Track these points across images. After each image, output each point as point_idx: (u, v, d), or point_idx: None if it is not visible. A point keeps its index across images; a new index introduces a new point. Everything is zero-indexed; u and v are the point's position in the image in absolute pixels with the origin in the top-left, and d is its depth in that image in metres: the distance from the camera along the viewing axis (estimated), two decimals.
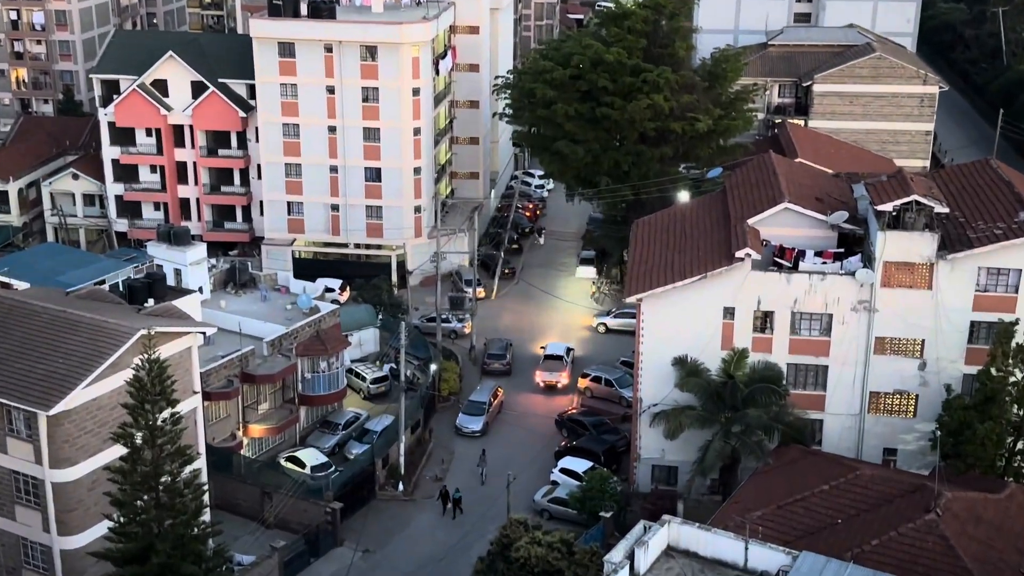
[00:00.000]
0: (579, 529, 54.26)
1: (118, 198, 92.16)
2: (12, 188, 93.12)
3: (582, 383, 70.55)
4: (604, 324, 79.52)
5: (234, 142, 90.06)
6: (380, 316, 75.87)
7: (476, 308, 79.68)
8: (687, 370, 53.93)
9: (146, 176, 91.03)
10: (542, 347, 74.84)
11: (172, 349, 46.40)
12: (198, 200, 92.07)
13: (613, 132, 79.64)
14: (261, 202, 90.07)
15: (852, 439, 54.55)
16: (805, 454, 50.65)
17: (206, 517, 44.20)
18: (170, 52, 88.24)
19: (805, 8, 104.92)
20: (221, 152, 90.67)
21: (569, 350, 74.20)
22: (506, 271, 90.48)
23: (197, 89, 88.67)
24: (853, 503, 42.07)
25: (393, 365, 70.32)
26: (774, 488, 46.04)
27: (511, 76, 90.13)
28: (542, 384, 70.26)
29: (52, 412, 42.25)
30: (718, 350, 54.10)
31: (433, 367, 69.75)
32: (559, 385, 70.14)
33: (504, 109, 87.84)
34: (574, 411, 68.07)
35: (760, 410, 51.97)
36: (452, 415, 69.28)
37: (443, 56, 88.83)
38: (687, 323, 54.16)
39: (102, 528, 42.77)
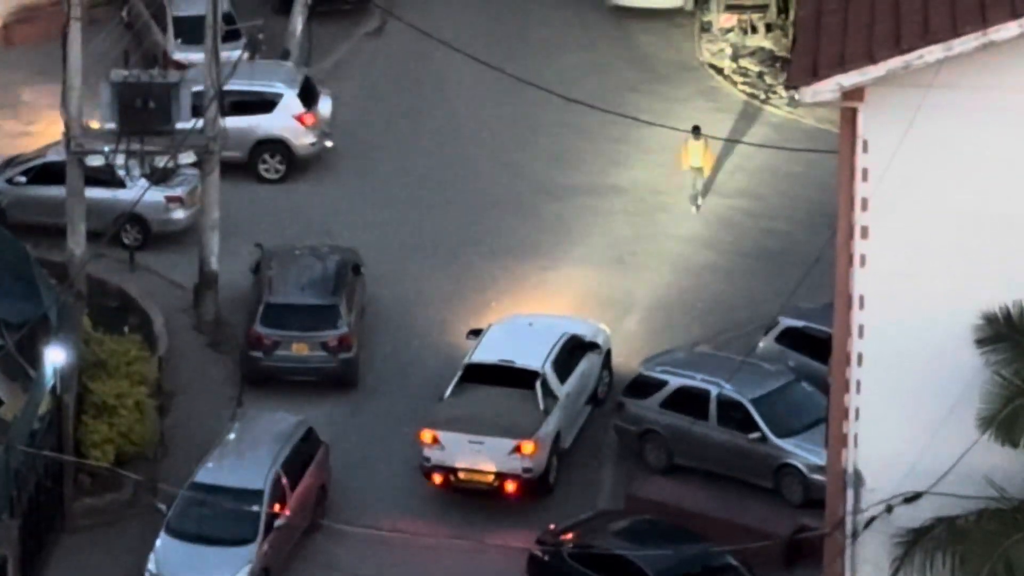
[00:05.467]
0: None
1: None
2: None
3: (628, 410, 54.70)
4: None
5: None
6: None
7: (225, 135, 60.52)
8: None
9: None
10: (472, 332, 59.99)
11: None
12: None
13: None
14: None
15: None
16: None
17: None
18: None
19: None
20: None
21: (581, 347, 57.47)
22: None
23: None
24: None
25: None
26: None
27: None
28: (443, 483, 56.67)
29: None
30: None
31: (55, 360, 52.52)
32: (510, 490, 56.12)
33: None
34: (590, 530, 51.45)
35: None
36: (138, 541, 54.45)
37: None
38: None
39: None
